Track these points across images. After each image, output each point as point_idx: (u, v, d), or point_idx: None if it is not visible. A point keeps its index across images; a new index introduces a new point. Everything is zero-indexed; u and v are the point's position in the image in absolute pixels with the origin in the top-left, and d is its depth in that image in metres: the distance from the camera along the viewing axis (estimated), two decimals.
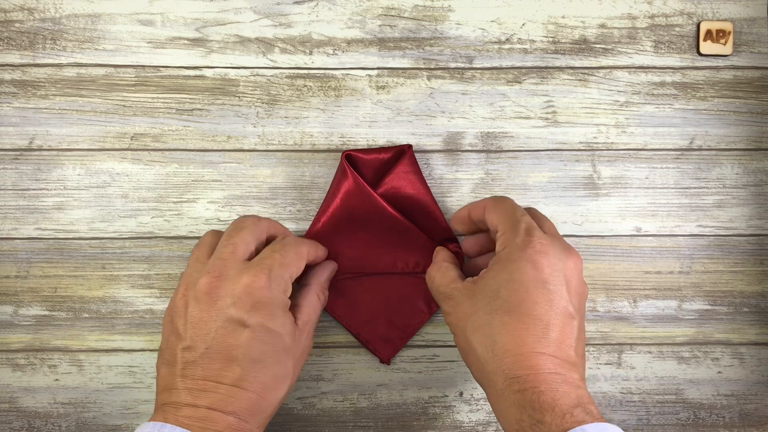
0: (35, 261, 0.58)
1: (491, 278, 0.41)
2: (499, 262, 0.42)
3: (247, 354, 0.41)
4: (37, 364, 0.58)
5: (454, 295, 0.44)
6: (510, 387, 0.38)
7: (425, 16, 0.59)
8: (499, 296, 0.40)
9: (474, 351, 0.40)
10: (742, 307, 0.60)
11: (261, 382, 0.41)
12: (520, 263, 0.41)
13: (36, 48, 0.58)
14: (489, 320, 0.40)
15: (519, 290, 0.40)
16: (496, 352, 0.39)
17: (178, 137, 0.58)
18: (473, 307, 0.41)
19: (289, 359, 0.43)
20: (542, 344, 0.39)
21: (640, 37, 0.60)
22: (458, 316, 0.42)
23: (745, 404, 0.59)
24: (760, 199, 0.60)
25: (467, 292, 0.43)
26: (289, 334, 0.43)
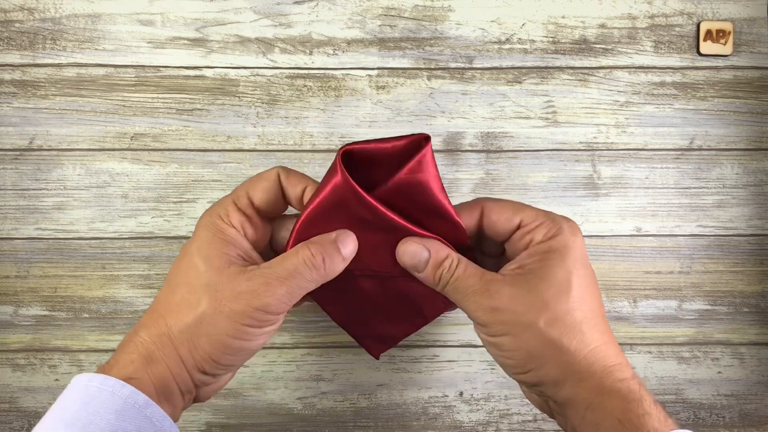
0: (35, 261, 0.58)
1: (555, 266, 0.39)
2: (555, 250, 0.39)
3: (169, 277, 0.40)
4: (37, 365, 0.58)
5: (500, 288, 0.38)
6: (610, 376, 0.37)
7: (425, 16, 0.59)
8: (571, 285, 0.38)
9: (556, 344, 0.37)
10: (742, 307, 0.60)
11: (168, 302, 0.39)
12: (577, 251, 0.40)
13: (36, 48, 0.58)
14: (569, 310, 0.38)
15: (586, 278, 0.39)
16: (588, 342, 0.38)
17: (178, 137, 0.58)
18: (540, 299, 0.38)
19: (202, 292, 0.37)
20: (609, 331, 0.39)
21: (640, 37, 0.60)
22: (520, 310, 0.38)
23: (745, 404, 0.59)
24: (760, 199, 0.60)
25: (522, 283, 0.39)
26: (209, 266, 0.37)
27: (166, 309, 0.38)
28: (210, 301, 0.37)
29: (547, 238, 0.40)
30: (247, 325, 0.37)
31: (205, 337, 0.37)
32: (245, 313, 0.37)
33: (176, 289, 0.39)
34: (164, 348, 0.37)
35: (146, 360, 0.37)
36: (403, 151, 0.41)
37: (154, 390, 0.36)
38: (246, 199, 0.41)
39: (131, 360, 0.37)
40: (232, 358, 0.38)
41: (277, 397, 0.58)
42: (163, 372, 0.37)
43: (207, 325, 0.37)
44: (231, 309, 0.37)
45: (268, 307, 0.37)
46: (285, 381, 0.58)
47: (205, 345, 0.37)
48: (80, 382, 0.36)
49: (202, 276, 0.38)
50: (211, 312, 0.37)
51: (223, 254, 0.38)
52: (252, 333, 0.38)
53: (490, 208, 0.42)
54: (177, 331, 0.37)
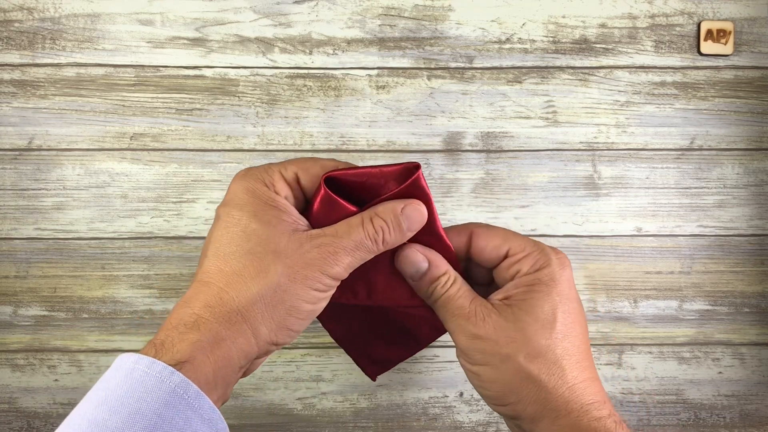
0: (34, 261, 0.58)
1: (540, 300, 0.38)
2: (541, 283, 0.39)
3: (216, 246, 0.37)
4: (36, 365, 0.58)
5: (486, 316, 0.38)
6: (587, 415, 0.37)
7: (425, 15, 0.59)
8: (556, 320, 0.38)
9: (535, 380, 0.37)
10: (742, 308, 0.60)
11: (225, 272, 0.36)
12: (564, 285, 0.39)
13: (35, 48, 0.58)
14: (550, 346, 0.38)
15: (572, 313, 0.39)
16: (567, 380, 0.37)
17: (178, 137, 0.58)
18: (522, 332, 0.37)
19: (272, 259, 0.36)
20: (593, 367, 0.39)
21: (641, 37, 0.60)
22: (501, 342, 0.38)
23: (745, 404, 0.59)
24: (760, 199, 0.59)
25: (506, 314, 0.38)
26: (274, 232, 0.36)
27: (225, 280, 0.36)
28: (283, 267, 0.36)
29: (534, 269, 0.40)
30: (317, 290, 0.37)
31: (281, 305, 0.36)
32: (317, 279, 0.36)
33: (233, 258, 0.36)
34: (234, 325, 0.35)
35: (209, 341, 0.34)
36: (392, 176, 0.40)
37: (212, 373, 0.34)
38: (293, 175, 0.40)
39: (190, 341, 0.34)
40: (303, 322, 0.38)
41: (277, 398, 0.58)
42: (228, 352, 0.35)
43: (283, 292, 0.36)
44: (303, 275, 0.36)
45: (337, 274, 0.37)
46: (285, 381, 0.58)
47: (281, 312, 0.36)
48: (126, 363, 0.33)
49: (267, 242, 0.36)
50: (286, 280, 0.36)
51: (282, 221, 0.37)
52: (320, 297, 0.38)
53: (479, 235, 0.42)
54: (247, 302, 0.35)
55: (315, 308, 0.38)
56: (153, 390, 0.31)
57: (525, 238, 0.42)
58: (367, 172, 0.39)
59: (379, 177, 0.39)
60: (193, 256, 0.58)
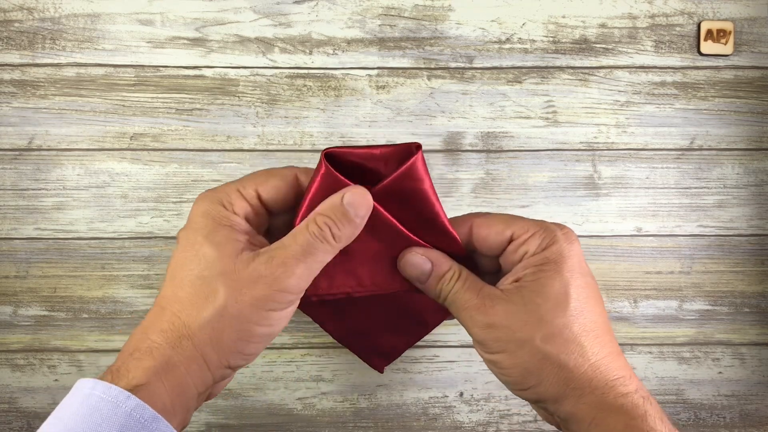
0: (34, 261, 0.58)
1: (550, 278, 0.37)
2: (550, 261, 0.38)
3: (173, 270, 0.37)
4: (36, 365, 0.58)
5: (496, 304, 0.37)
6: (612, 391, 0.36)
7: (425, 15, 0.59)
8: (569, 297, 0.37)
9: (554, 360, 0.36)
10: (742, 308, 0.60)
11: (179, 297, 0.36)
12: (574, 260, 0.38)
13: (35, 48, 0.58)
14: (566, 324, 0.37)
15: (586, 288, 0.38)
16: (588, 357, 0.36)
17: (178, 137, 0.58)
18: (535, 314, 0.37)
19: (219, 282, 0.35)
20: (614, 341, 0.38)
21: (641, 37, 0.60)
22: (515, 327, 0.36)
23: (745, 405, 0.59)
24: (760, 199, 0.59)
25: (517, 298, 0.37)
26: (221, 254, 0.36)
27: (178, 306, 0.36)
28: (229, 290, 0.35)
29: (541, 248, 0.39)
30: (270, 309, 0.36)
31: (230, 329, 0.35)
32: (268, 297, 0.35)
33: (185, 283, 0.36)
34: (184, 350, 0.35)
35: (162, 366, 0.34)
36: (392, 157, 0.39)
37: (169, 399, 0.34)
38: (253, 192, 0.39)
39: (144, 367, 0.34)
40: (257, 345, 0.37)
41: (277, 398, 0.58)
42: (181, 377, 0.35)
43: (230, 316, 0.35)
44: (252, 296, 0.35)
45: (290, 287, 0.36)
46: (285, 381, 0.58)
47: (231, 337, 0.35)
48: (83, 389, 0.33)
49: (215, 265, 0.35)
50: (233, 302, 0.35)
51: (233, 240, 0.36)
52: (276, 317, 0.36)
53: (479, 224, 0.41)
54: (196, 328, 0.35)
55: (272, 330, 0.37)
56: (109, 415, 0.31)
57: (527, 219, 0.41)
58: (367, 153, 0.38)
59: (380, 159, 0.39)
60: None
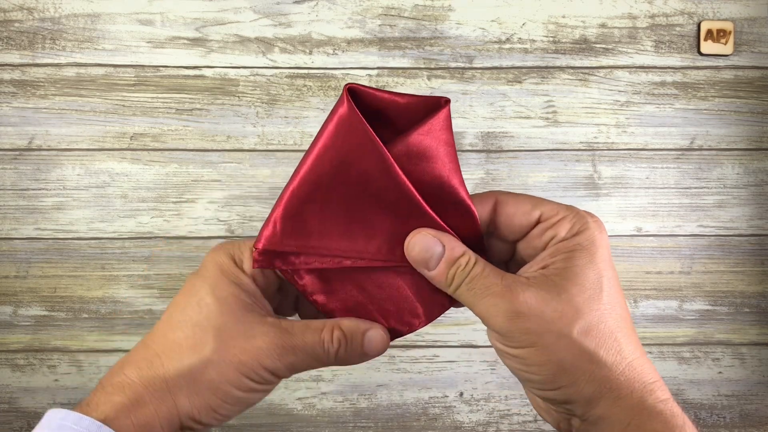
0: (35, 261, 0.58)
1: (584, 267, 0.34)
2: (582, 248, 0.35)
3: (170, 312, 0.36)
4: (36, 365, 0.58)
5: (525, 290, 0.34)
6: (651, 395, 0.33)
7: (425, 15, 0.59)
8: (602, 289, 0.34)
9: (592, 356, 0.34)
10: (742, 308, 0.60)
11: (167, 339, 0.36)
12: (605, 250, 0.35)
13: (35, 48, 0.58)
14: (602, 317, 0.34)
15: (614, 281, 0.35)
16: (626, 355, 0.34)
17: (178, 137, 0.58)
18: (570, 303, 0.34)
19: (212, 335, 0.35)
20: (640, 342, 0.35)
21: (641, 37, 0.60)
22: (549, 317, 0.34)
23: (745, 404, 0.59)
24: (760, 199, 0.59)
25: (549, 285, 0.34)
26: (224, 308, 0.36)
27: (164, 347, 0.35)
28: (220, 345, 0.35)
29: (572, 234, 0.36)
30: (251, 379, 0.35)
31: (207, 384, 0.34)
32: (252, 367, 0.35)
33: (179, 327, 0.36)
34: (157, 391, 0.34)
35: (131, 403, 0.34)
36: (417, 108, 0.35)
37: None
38: None
39: (113, 402, 0.34)
40: (231, 408, 0.36)
41: (277, 398, 0.58)
42: (149, 417, 0.34)
43: (212, 371, 0.34)
44: (240, 360, 0.35)
45: (274, 369, 0.35)
46: (285, 381, 0.58)
47: (206, 392, 0.35)
48: (54, 418, 0.33)
49: (214, 317, 0.35)
50: (218, 358, 0.34)
51: (239, 299, 0.36)
52: (254, 387, 0.36)
53: (505, 201, 0.38)
54: (175, 373, 0.35)
55: (247, 397, 0.36)
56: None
57: (557, 202, 0.37)
58: (391, 99, 0.34)
59: (403, 108, 0.35)
60: (193, 256, 0.58)
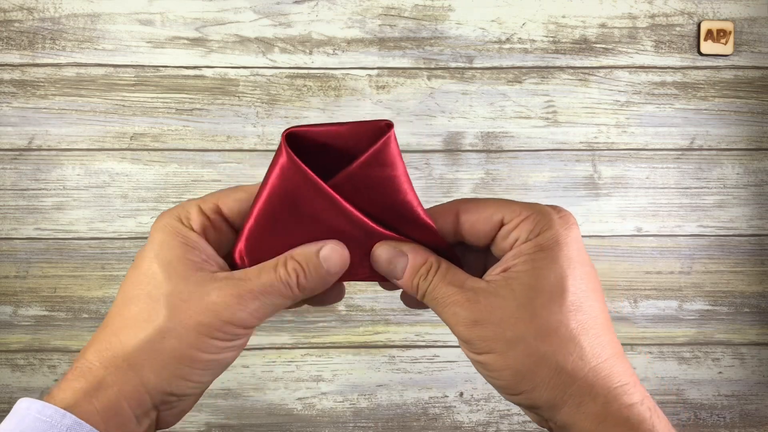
0: (34, 261, 0.58)
1: (544, 268, 0.33)
2: (544, 248, 0.34)
3: (123, 290, 0.35)
4: (36, 365, 0.58)
5: (483, 298, 0.34)
6: (616, 401, 0.32)
7: (425, 15, 0.59)
8: (566, 289, 0.33)
9: (550, 362, 0.33)
10: (742, 308, 0.60)
11: (123, 316, 0.34)
12: (572, 247, 0.34)
13: (35, 48, 0.58)
14: (563, 321, 0.33)
15: (585, 279, 0.34)
16: (589, 359, 0.32)
17: (178, 137, 0.58)
18: (528, 308, 0.33)
19: (164, 302, 0.34)
20: (616, 342, 0.34)
21: (641, 37, 0.60)
22: (504, 324, 0.33)
23: (745, 404, 0.59)
24: (760, 199, 0.59)
25: (506, 291, 0.34)
26: (172, 273, 0.34)
27: (120, 324, 0.34)
28: (174, 311, 0.33)
29: (534, 234, 0.34)
30: (215, 338, 0.33)
31: (170, 353, 0.33)
32: (213, 325, 0.33)
33: (131, 302, 0.34)
34: (117, 371, 0.33)
35: (93, 387, 0.33)
36: (361, 136, 0.34)
37: (101, 420, 0.32)
38: (213, 205, 0.37)
39: (73, 388, 0.32)
40: (202, 372, 0.34)
41: (277, 398, 0.58)
42: (113, 398, 0.33)
43: (170, 339, 0.33)
44: (198, 321, 0.33)
45: (240, 321, 0.33)
46: (285, 381, 0.58)
47: (170, 362, 0.33)
48: (20, 408, 0.31)
49: (163, 284, 0.34)
50: (174, 324, 0.33)
51: (186, 260, 0.34)
52: (221, 346, 0.34)
53: (466, 209, 0.37)
54: (134, 348, 0.33)
55: (219, 358, 0.34)
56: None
57: (521, 202, 0.36)
58: (333, 131, 0.34)
59: (347, 138, 0.34)
60: None
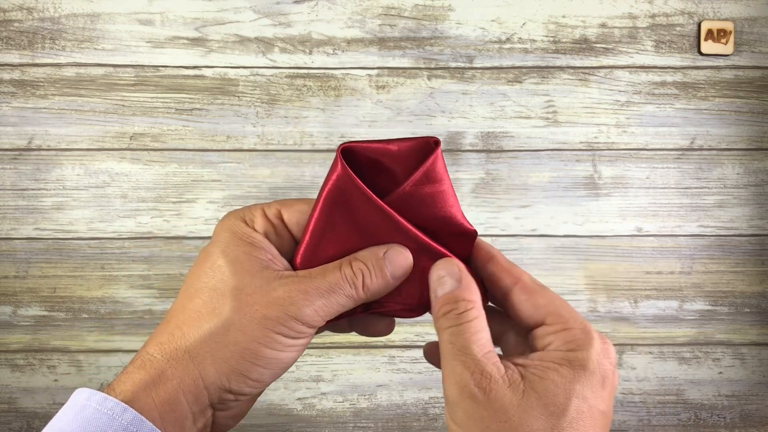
0: (34, 261, 0.58)
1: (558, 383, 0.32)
2: (569, 365, 0.33)
3: (187, 283, 0.35)
4: (36, 365, 0.58)
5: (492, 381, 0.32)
6: None
7: (425, 15, 0.59)
8: (567, 413, 0.32)
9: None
10: (743, 308, 0.60)
11: (187, 309, 0.34)
12: (594, 379, 0.32)
13: (35, 47, 0.58)
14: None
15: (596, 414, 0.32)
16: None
17: (178, 137, 0.58)
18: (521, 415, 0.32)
19: (230, 296, 0.34)
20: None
21: (641, 37, 0.59)
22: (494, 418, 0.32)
23: (746, 405, 0.59)
24: (761, 199, 0.59)
25: (514, 388, 0.32)
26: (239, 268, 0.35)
27: (183, 318, 0.34)
28: (239, 305, 0.33)
29: (567, 348, 0.33)
30: (280, 333, 0.33)
31: (233, 346, 0.33)
32: (279, 320, 0.33)
33: (196, 295, 0.35)
34: (179, 363, 0.33)
35: (153, 380, 0.32)
36: (409, 153, 0.36)
37: (158, 415, 0.32)
38: (276, 211, 0.37)
39: (133, 380, 0.32)
40: (262, 370, 0.34)
41: (277, 398, 0.58)
42: (173, 393, 0.33)
43: (235, 331, 0.33)
44: (264, 314, 0.33)
45: (304, 317, 0.33)
46: (285, 381, 0.58)
47: (232, 355, 0.33)
48: (79, 398, 0.31)
49: (230, 279, 0.34)
50: (240, 317, 0.33)
51: (252, 257, 0.35)
52: (285, 343, 0.34)
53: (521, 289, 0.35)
54: (196, 340, 0.33)
55: (281, 356, 0.33)
56: (104, 428, 0.30)
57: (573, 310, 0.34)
58: (383, 148, 0.35)
59: (396, 155, 0.35)
60: (193, 257, 0.58)
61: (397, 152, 0.35)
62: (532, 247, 0.59)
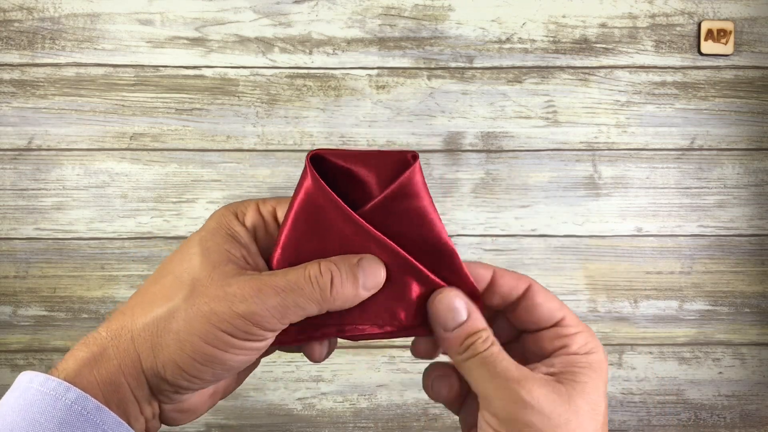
0: (34, 261, 0.58)
1: (592, 386, 0.34)
2: (592, 368, 0.34)
3: (159, 267, 0.35)
4: (36, 365, 0.58)
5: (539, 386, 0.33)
6: None
7: (425, 15, 0.59)
8: (603, 412, 0.34)
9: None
10: (743, 308, 0.60)
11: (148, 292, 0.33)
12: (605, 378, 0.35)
13: (35, 47, 0.58)
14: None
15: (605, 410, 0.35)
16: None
17: (178, 137, 0.58)
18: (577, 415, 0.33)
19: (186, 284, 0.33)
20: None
21: (641, 37, 0.59)
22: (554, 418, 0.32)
23: (746, 405, 0.59)
24: (761, 199, 0.59)
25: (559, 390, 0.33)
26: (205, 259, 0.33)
27: (139, 300, 0.33)
28: (191, 295, 0.32)
29: (584, 351, 0.35)
30: (225, 331, 0.31)
31: (173, 335, 0.32)
32: (225, 317, 0.31)
33: (160, 279, 0.34)
34: (120, 343, 0.32)
35: (95, 356, 0.31)
36: (385, 166, 0.34)
37: (101, 393, 0.31)
38: (271, 208, 0.37)
39: (75, 357, 0.31)
40: (201, 367, 0.32)
41: (277, 398, 0.58)
42: (113, 371, 0.32)
43: (179, 320, 0.32)
44: (211, 308, 0.31)
45: (254, 316, 0.32)
46: (285, 381, 0.58)
47: (171, 344, 0.32)
48: (22, 381, 0.31)
49: (195, 268, 0.33)
50: (187, 307, 0.31)
51: (224, 251, 0.33)
52: (229, 343, 0.32)
53: (537, 291, 0.36)
54: (141, 323, 0.32)
55: (223, 357, 0.32)
56: (47, 409, 0.29)
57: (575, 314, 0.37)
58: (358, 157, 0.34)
59: (371, 167, 0.34)
60: None
61: (372, 162, 0.34)
62: (532, 247, 0.59)
